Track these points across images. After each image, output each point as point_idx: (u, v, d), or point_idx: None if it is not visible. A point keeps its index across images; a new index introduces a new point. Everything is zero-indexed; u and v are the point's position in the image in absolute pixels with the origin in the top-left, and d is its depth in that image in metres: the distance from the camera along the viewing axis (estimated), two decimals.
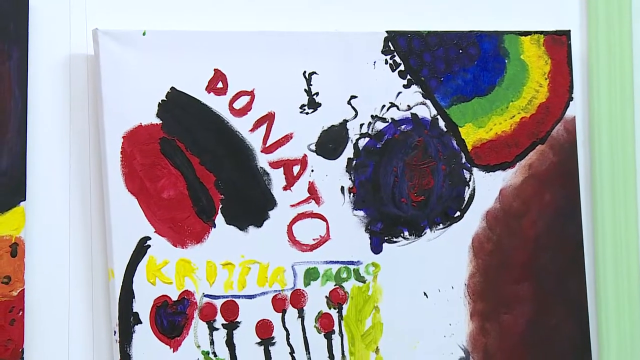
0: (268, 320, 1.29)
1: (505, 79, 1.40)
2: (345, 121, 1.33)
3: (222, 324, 1.27)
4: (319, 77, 1.30)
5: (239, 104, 1.28)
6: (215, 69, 1.26)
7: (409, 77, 1.35)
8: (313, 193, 1.31)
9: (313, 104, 1.31)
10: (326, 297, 1.32)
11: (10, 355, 1.20)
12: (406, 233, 1.36)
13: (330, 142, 1.31)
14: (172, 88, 1.24)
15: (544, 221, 1.42)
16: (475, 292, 1.38)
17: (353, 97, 1.33)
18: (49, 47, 1.23)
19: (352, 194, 1.33)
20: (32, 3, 1.20)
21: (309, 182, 1.31)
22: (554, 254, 1.42)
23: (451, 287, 1.37)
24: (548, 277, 1.42)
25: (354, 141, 1.33)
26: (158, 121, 1.24)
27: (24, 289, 1.20)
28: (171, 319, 1.25)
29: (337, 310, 1.32)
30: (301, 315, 1.30)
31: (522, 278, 1.40)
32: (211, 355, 1.26)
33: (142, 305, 1.24)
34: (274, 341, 1.29)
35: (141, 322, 1.23)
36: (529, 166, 1.41)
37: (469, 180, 1.39)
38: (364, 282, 1.33)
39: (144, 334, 1.23)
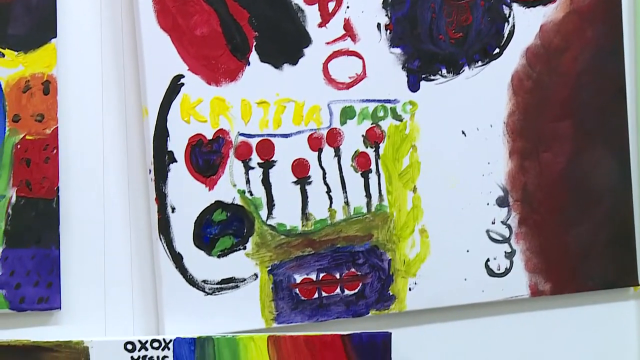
0: (304, 159, 1.27)
1: None
2: None
3: (258, 163, 1.25)
4: None
5: None
6: None
7: None
8: (349, 30, 1.28)
9: None
10: (363, 135, 1.30)
11: (46, 193, 1.19)
12: (444, 71, 1.33)
13: None
14: None
15: (585, 58, 1.38)
16: (514, 130, 1.35)
17: None
18: None
19: (388, 31, 1.30)
20: None
21: (345, 18, 1.28)
22: (595, 92, 1.39)
23: (490, 125, 1.35)
24: (588, 115, 1.39)
25: None
26: None
27: (57, 127, 1.19)
28: (206, 158, 1.23)
29: (373, 149, 1.30)
30: (337, 154, 1.28)
31: (562, 116, 1.37)
32: (247, 194, 1.25)
33: (177, 144, 1.22)
34: (310, 180, 1.27)
35: (176, 161, 1.22)
36: (571, 1, 1.37)
37: (509, 16, 1.35)
38: (401, 120, 1.31)
39: (179, 172, 1.22)
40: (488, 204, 1.34)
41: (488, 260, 1.34)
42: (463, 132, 1.33)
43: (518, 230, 1.35)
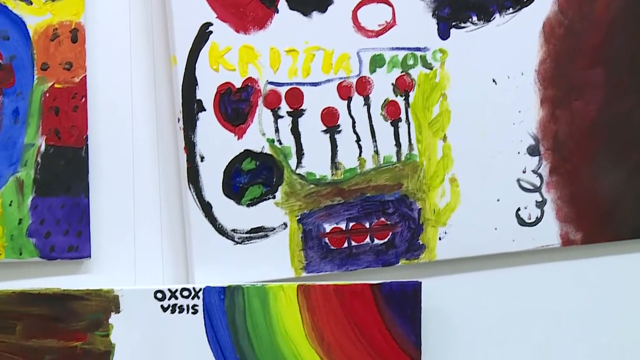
0: (333, 107, 1.26)
1: None
2: None
3: (287, 112, 1.25)
4: None
5: None
6: None
7: None
8: None
9: None
10: (392, 84, 1.28)
11: (75, 142, 1.19)
12: (474, 18, 1.31)
13: None
14: None
15: (618, 4, 1.36)
16: (545, 79, 1.33)
17: None
18: None
19: None
20: None
21: None
22: (627, 39, 1.37)
23: (521, 73, 1.33)
24: (621, 63, 1.37)
25: None
26: None
27: (85, 75, 1.18)
28: (235, 106, 1.22)
29: (403, 97, 1.29)
30: (367, 103, 1.27)
31: (595, 63, 1.35)
32: (276, 143, 1.24)
33: (206, 93, 1.21)
34: (339, 129, 1.26)
35: (205, 110, 1.21)
36: None
37: None
38: (431, 68, 1.30)
39: (208, 121, 1.22)
40: (519, 152, 1.33)
41: (519, 209, 1.33)
42: (494, 81, 1.32)
43: (549, 179, 1.34)
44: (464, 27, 1.31)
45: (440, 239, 1.30)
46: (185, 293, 1.20)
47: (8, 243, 1.18)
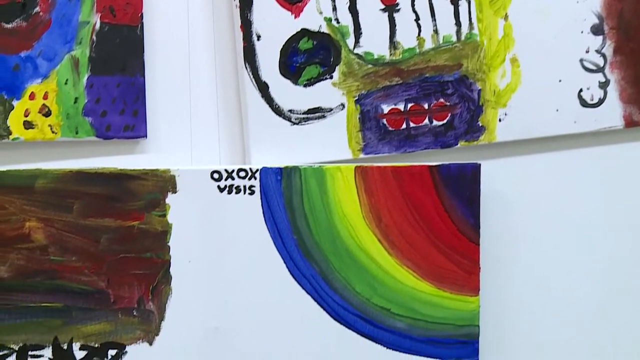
0: None
1: None
2: None
3: None
4: None
5: None
6: None
7: None
8: None
9: None
10: None
11: (130, 20, 1.17)
12: None
13: None
14: None
15: None
16: None
17: None
18: None
19: None
20: None
21: None
22: None
23: None
24: None
25: None
26: None
27: None
28: None
29: None
30: None
31: None
32: (334, 22, 1.21)
33: None
34: (398, 7, 1.23)
35: None
36: None
37: None
38: None
39: None
40: (582, 32, 1.29)
41: (581, 90, 1.30)
42: None
43: (613, 59, 1.30)
44: None
45: (500, 120, 1.27)
46: (242, 174, 1.19)
47: (64, 122, 1.17)
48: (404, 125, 1.25)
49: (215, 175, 1.18)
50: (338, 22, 1.22)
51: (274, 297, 1.20)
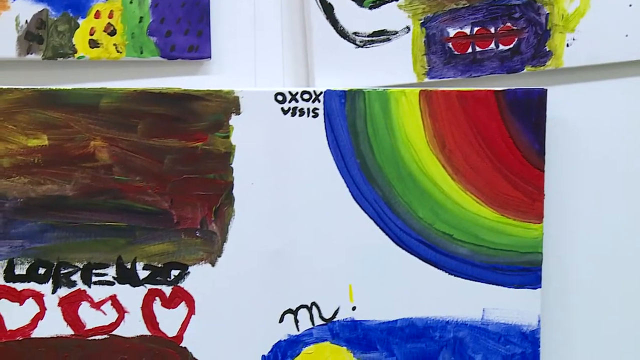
0: None
1: None
2: None
3: None
4: None
5: None
6: None
7: None
8: None
9: None
10: None
11: None
12: None
13: None
14: None
15: None
16: None
17: None
18: None
19: None
20: None
21: None
22: None
23: None
24: None
25: None
26: None
27: None
28: None
29: None
30: None
31: None
32: None
33: None
34: None
35: None
36: None
37: None
38: None
39: None
40: None
41: None
42: None
43: None
44: None
45: (567, 45, 1.25)
46: (306, 96, 1.18)
47: (129, 41, 1.16)
48: (469, 50, 1.23)
49: (279, 97, 1.18)
50: None
51: (336, 220, 1.19)
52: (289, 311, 1.19)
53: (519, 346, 1.23)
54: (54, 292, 1.16)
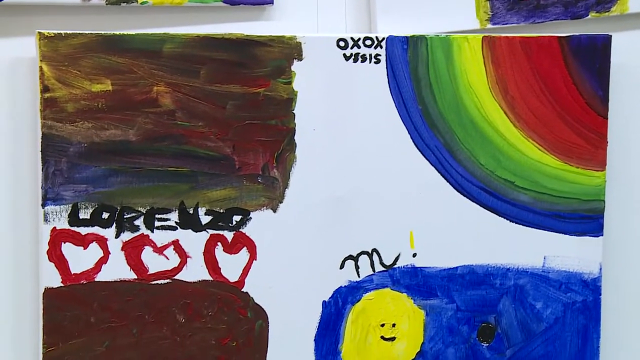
0: None
1: None
2: None
3: None
4: None
5: None
6: None
7: None
8: None
9: None
10: None
11: None
12: None
13: None
14: None
15: None
16: None
17: None
18: None
19: None
20: None
21: None
22: None
23: None
24: None
25: None
26: None
27: None
28: None
29: None
30: None
31: None
32: None
33: None
34: None
35: None
36: None
37: None
38: None
39: None
40: None
41: None
42: None
43: None
44: None
45: None
46: (368, 42, 1.18)
47: None
48: None
49: (341, 43, 1.17)
50: None
51: (397, 167, 1.19)
52: (350, 257, 1.20)
53: (579, 294, 1.22)
54: (117, 236, 1.17)
